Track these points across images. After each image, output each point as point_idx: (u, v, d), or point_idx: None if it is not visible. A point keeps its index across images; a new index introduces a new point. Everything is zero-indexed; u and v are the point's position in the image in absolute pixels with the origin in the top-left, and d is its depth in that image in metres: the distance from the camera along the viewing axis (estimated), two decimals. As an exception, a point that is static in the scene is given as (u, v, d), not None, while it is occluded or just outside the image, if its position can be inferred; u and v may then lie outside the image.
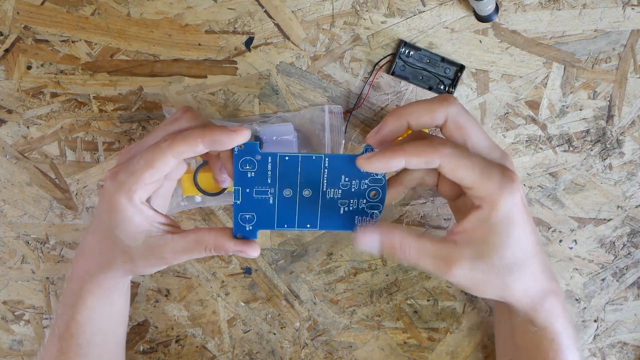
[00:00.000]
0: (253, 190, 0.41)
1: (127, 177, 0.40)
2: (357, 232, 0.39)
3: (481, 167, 0.37)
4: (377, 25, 0.48)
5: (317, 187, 0.41)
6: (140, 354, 0.53)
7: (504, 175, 0.38)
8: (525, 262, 0.39)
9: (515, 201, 0.38)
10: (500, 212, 0.38)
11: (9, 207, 0.51)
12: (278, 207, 0.41)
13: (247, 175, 0.40)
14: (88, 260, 0.44)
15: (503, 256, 0.38)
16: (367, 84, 0.49)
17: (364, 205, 0.41)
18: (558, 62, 0.48)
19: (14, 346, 0.53)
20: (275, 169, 0.40)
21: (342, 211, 0.41)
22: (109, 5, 0.48)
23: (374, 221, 0.41)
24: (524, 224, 0.39)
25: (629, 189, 0.49)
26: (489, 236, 0.38)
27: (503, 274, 0.39)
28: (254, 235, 0.41)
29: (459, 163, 0.37)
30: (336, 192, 0.41)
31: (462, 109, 0.39)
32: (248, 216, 0.41)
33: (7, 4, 0.48)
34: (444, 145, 0.37)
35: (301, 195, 0.41)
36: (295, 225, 0.42)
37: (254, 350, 0.52)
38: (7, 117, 0.50)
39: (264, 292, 0.52)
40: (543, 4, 0.47)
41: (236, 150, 0.40)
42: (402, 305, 0.51)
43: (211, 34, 0.48)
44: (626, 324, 0.51)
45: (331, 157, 0.40)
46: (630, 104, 0.48)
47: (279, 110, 0.49)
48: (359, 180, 0.41)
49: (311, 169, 0.40)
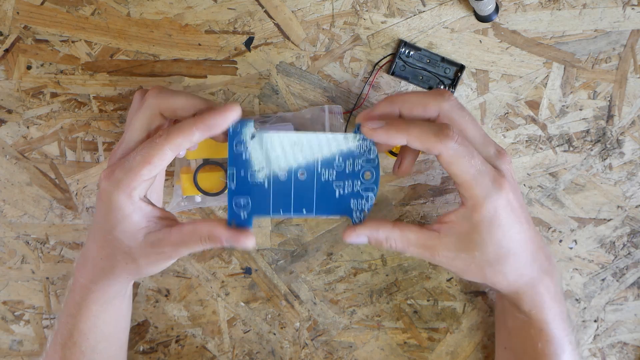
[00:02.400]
0: (247, 172, 0.40)
1: (124, 175, 0.40)
2: (346, 230, 0.41)
3: (476, 171, 0.38)
4: (377, 25, 0.48)
5: (312, 168, 0.41)
6: (140, 354, 0.53)
7: (494, 182, 0.39)
8: (508, 257, 0.40)
9: (500, 204, 0.39)
10: (483, 215, 0.39)
11: (9, 207, 0.51)
12: (273, 191, 0.41)
13: (241, 156, 0.40)
14: (90, 268, 0.43)
15: (484, 252, 0.40)
16: (367, 84, 0.49)
17: (359, 188, 0.41)
18: (558, 62, 0.48)
19: (13, 346, 0.53)
20: (269, 150, 0.40)
21: (337, 194, 0.41)
22: (109, 5, 0.48)
23: (368, 206, 0.42)
24: (509, 225, 0.40)
25: (629, 189, 0.49)
26: (470, 233, 0.40)
27: (484, 265, 0.40)
28: (249, 224, 0.41)
29: (456, 161, 0.38)
30: (331, 173, 0.41)
31: (456, 104, 0.40)
32: (243, 201, 0.41)
33: (7, 4, 0.48)
34: (449, 138, 0.38)
35: (296, 178, 0.41)
36: (291, 210, 0.41)
37: (254, 351, 0.52)
38: (7, 117, 0.50)
39: (264, 292, 0.52)
40: (543, 4, 0.47)
41: (231, 131, 0.40)
42: (402, 305, 0.51)
43: (211, 34, 0.48)
44: (626, 324, 0.51)
45: (325, 137, 0.40)
46: (630, 104, 0.48)
47: (279, 110, 0.49)
48: (353, 160, 0.41)
49: (306, 149, 0.41)
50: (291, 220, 0.51)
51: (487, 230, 0.39)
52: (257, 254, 0.51)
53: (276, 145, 0.40)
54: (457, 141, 0.38)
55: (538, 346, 0.43)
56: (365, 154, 0.41)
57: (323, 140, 0.41)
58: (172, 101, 0.40)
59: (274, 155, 0.40)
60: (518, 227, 0.40)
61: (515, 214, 0.40)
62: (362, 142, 0.41)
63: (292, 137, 0.40)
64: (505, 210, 0.39)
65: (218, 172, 0.46)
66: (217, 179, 0.46)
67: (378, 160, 0.41)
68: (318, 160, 0.41)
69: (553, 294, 0.43)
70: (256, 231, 0.51)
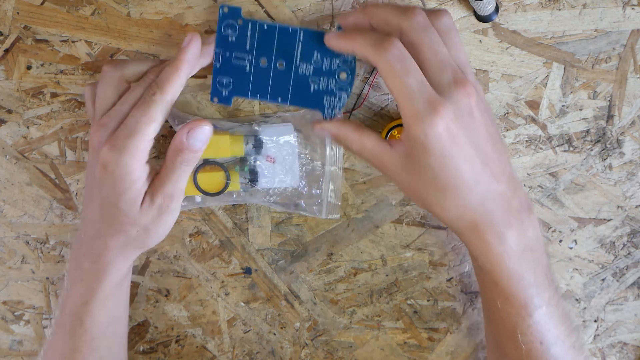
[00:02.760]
0: (232, 55, 0.44)
1: (128, 140, 0.40)
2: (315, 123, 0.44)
3: (409, 90, 0.37)
4: (377, 25, 0.48)
5: (291, 60, 0.44)
6: (140, 354, 0.53)
7: (429, 105, 0.37)
8: (446, 191, 0.39)
9: (434, 130, 0.37)
10: (413, 137, 0.38)
11: (9, 207, 0.51)
12: (253, 75, 0.44)
13: (228, 39, 0.44)
14: (100, 249, 0.43)
15: (423, 177, 0.39)
16: (367, 84, 0.49)
17: (333, 86, 0.44)
18: (558, 62, 0.48)
19: (13, 346, 0.53)
20: (254, 37, 0.44)
21: (312, 89, 0.44)
22: (109, 5, 0.48)
23: (340, 105, 0.44)
24: (447, 155, 0.38)
25: (629, 189, 0.50)
26: (410, 155, 0.39)
27: (423, 192, 0.40)
28: (228, 102, 0.45)
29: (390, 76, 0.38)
30: (308, 68, 0.44)
31: (420, 24, 0.39)
32: (225, 80, 0.44)
33: (7, 4, 0.48)
34: (385, 50, 0.37)
35: (275, 67, 0.44)
36: (268, 96, 0.45)
37: (254, 351, 0.52)
38: (7, 117, 0.50)
39: (264, 292, 0.52)
40: (543, 4, 0.47)
41: (221, 14, 0.43)
42: (402, 305, 0.52)
43: (211, 34, 0.48)
44: (626, 324, 0.51)
45: (306, 32, 0.43)
46: (630, 104, 0.48)
47: (279, 110, 0.49)
48: (330, 59, 0.44)
49: (287, 41, 0.44)
50: (291, 220, 0.51)
51: (422, 155, 0.38)
52: (257, 253, 0.51)
53: (260, 33, 0.44)
54: (393, 55, 0.37)
55: (497, 304, 0.41)
56: (343, 55, 0.43)
57: (304, 34, 0.44)
58: (130, 67, 0.44)
59: (257, 43, 0.44)
60: (460, 160, 0.38)
61: (458, 146, 0.38)
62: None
63: (275, 27, 0.44)
64: (440, 139, 0.37)
65: (218, 172, 0.46)
66: (217, 179, 0.46)
67: (355, 63, 0.44)
68: (297, 54, 0.44)
69: (513, 245, 0.39)
70: (256, 231, 0.51)
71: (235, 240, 0.51)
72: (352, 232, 0.51)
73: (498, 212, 0.40)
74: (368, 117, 0.49)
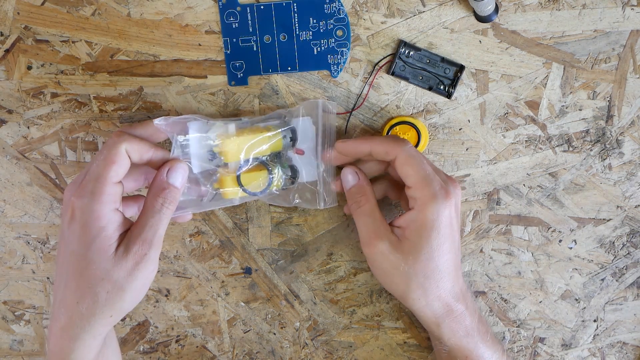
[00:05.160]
0: (239, 39, 0.48)
1: (94, 184, 0.40)
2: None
3: (426, 173, 0.42)
4: (377, 25, 0.48)
5: (291, 31, 0.48)
6: (140, 354, 0.53)
7: (441, 188, 0.42)
8: (434, 273, 0.43)
9: (443, 214, 0.42)
10: (428, 216, 0.42)
11: (9, 207, 0.51)
12: (262, 53, 0.48)
13: (232, 26, 0.48)
14: (66, 318, 0.40)
15: (416, 258, 0.42)
16: (367, 84, 0.49)
17: (334, 45, 0.48)
18: (558, 62, 0.48)
19: (14, 346, 0.53)
20: (254, 19, 0.47)
21: (315, 52, 0.48)
22: (109, 6, 0.48)
23: (344, 60, 0.48)
24: (445, 237, 0.42)
25: (628, 189, 0.50)
26: (411, 236, 0.43)
27: (410, 275, 0.42)
28: (245, 82, 0.48)
29: (410, 161, 0.43)
30: (307, 34, 0.48)
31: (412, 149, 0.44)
32: (238, 64, 0.48)
33: (7, 4, 0.48)
34: (405, 143, 0.44)
35: (279, 41, 0.48)
36: (278, 68, 0.48)
37: (254, 350, 0.53)
38: (7, 117, 0.50)
39: (264, 292, 0.52)
40: (543, 4, 0.47)
41: (220, 5, 0.47)
42: (402, 305, 0.52)
43: (211, 34, 0.48)
44: (626, 324, 0.51)
45: (299, 2, 0.47)
46: (630, 104, 0.49)
47: (277, 107, 0.49)
48: (325, 21, 0.47)
49: (284, 15, 0.47)
50: (291, 220, 0.51)
51: (428, 233, 0.42)
52: (257, 253, 0.51)
53: (260, 13, 0.47)
54: (411, 147, 0.44)
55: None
56: (335, 14, 0.47)
57: (297, 5, 0.47)
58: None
59: (259, 22, 0.47)
60: (450, 245, 0.43)
61: (452, 232, 0.43)
62: (330, 3, 0.47)
63: (270, 5, 0.47)
64: (446, 221, 0.42)
65: (260, 171, 0.45)
66: (260, 177, 0.45)
67: (348, 19, 0.47)
68: (295, 23, 0.47)
69: (470, 323, 0.44)
70: (256, 231, 0.51)
71: (236, 240, 0.51)
72: (352, 232, 0.51)
73: (461, 293, 0.44)
74: (368, 117, 0.49)
